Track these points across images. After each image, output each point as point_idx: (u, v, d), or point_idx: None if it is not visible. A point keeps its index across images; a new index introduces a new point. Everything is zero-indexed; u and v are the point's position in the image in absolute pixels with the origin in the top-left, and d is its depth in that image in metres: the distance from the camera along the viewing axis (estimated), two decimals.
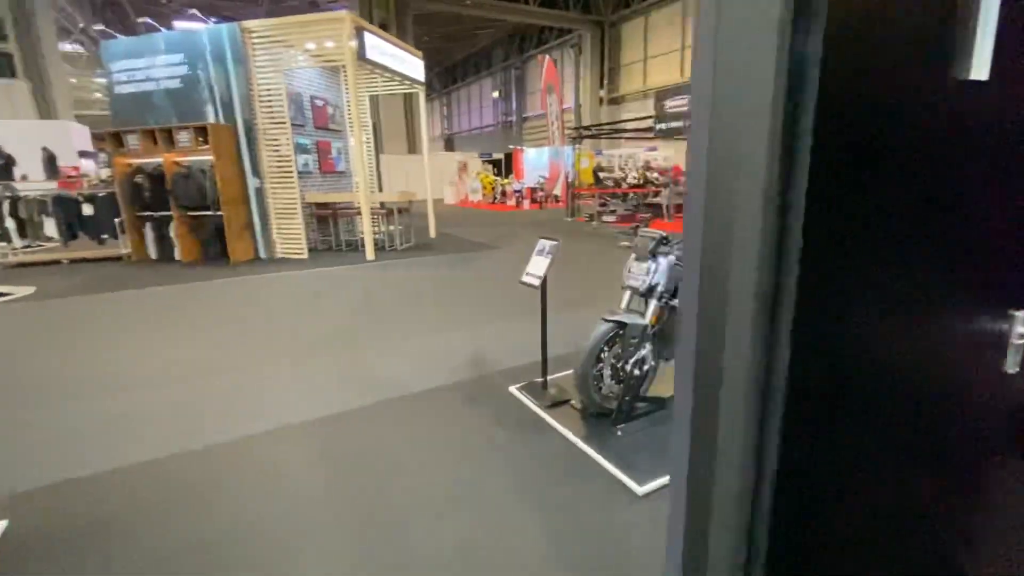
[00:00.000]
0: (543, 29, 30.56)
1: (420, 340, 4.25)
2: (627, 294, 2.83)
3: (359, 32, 7.70)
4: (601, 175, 13.36)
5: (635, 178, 13.23)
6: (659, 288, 2.68)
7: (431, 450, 2.55)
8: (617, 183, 13.17)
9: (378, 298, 5.81)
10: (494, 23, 28.54)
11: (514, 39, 33.90)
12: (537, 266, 2.92)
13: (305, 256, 8.25)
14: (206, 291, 6.23)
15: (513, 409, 2.95)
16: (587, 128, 13.99)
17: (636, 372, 2.62)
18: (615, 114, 27.77)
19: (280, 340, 4.32)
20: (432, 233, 10.74)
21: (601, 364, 2.69)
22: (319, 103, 9.27)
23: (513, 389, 3.17)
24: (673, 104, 9.89)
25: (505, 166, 26.49)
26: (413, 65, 9.65)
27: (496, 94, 37.41)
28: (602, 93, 28.42)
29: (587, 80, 28.17)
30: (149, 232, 8.39)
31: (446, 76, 43.37)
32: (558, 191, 18.17)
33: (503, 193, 20.05)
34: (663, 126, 10.21)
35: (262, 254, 8.42)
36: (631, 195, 13.11)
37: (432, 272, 7.24)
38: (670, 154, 21.15)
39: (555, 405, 2.92)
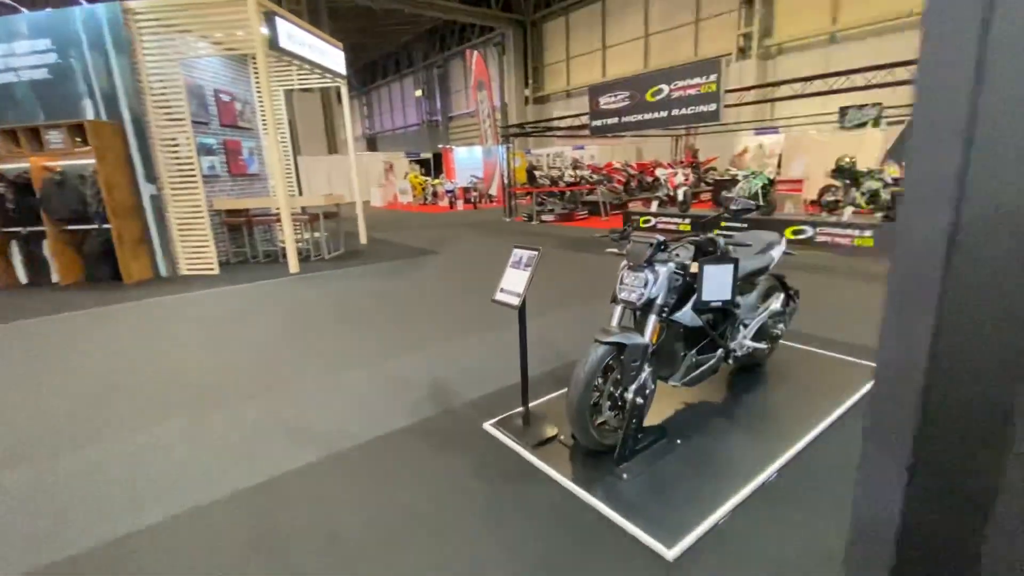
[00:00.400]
0: (465, 27, 30.01)
1: (365, 370, 3.65)
2: (618, 309, 2.45)
3: (270, 17, 6.83)
4: (537, 174, 13.13)
5: (571, 176, 13.11)
6: (658, 302, 2.33)
7: (398, 522, 2.02)
8: (554, 181, 13.00)
9: (308, 319, 5.08)
10: (413, 19, 27.61)
11: (435, 36, 33.07)
12: (514, 281, 2.46)
13: (216, 271, 7.23)
14: (88, 321, 5.17)
15: (492, 453, 2.48)
16: (521, 126, 13.69)
17: (639, 400, 2.25)
18: (541, 113, 27.84)
19: (184, 382, 3.54)
20: (363, 239, 9.94)
21: (597, 394, 2.28)
22: (225, 98, 8.21)
23: (488, 426, 2.70)
24: (608, 101, 9.78)
25: (434, 166, 25.70)
26: (333, 57, 8.82)
27: (419, 93, 36.39)
28: (527, 92, 28.37)
29: (512, 79, 27.99)
30: (16, 251, 7.00)
31: (365, 73, 41.64)
32: (494, 191, 17.77)
33: (434, 194, 19.33)
34: (599, 123, 10.07)
35: (163, 272, 7.28)
36: (568, 193, 12.98)
37: (369, 284, 6.56)
38: (596, 151, 21.46)
39: (542, 444, 2.48)
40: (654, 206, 10.50)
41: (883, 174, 7.20)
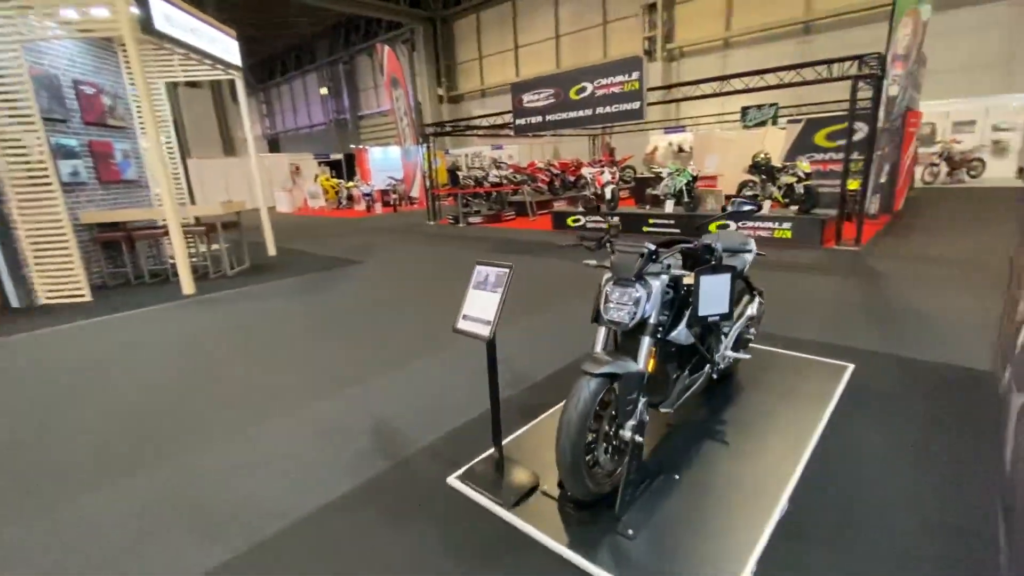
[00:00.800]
0: (370, 22, 28.65)
1: (291, 416, 3.01)
2: (602, 331, 2.10)
3: None
4: (460, 174, 12.64)
5: (495, 177, 12.77)
6: (651, 321, 2.00)
7: None
8: (478, 182, 12.57)
9: (209, 353, 4.25)
10: (313, 11, 25.85)
11: (338, 31, 31.28)
12: (480, 306, 2.02)
13: (87, 298, 6.02)
14: None
15: (462, 516, 2.02)
16: (441, 124, 13.10)
17: (639, 439, 1.91)
18: (456, 112, 27.30)
19: (38, 457, 2.71)
20: (272, 250, 8.92)
21: (593, 437, 1.91)
22: (88, 90, 6.90)
23: (453, 480, 2.23)
24: (531, 99, 9.54)
25: (347, 167, 24.28)
26: (224, 45, 7.76)
27: (324, 91, 34.34)
28: (441, 91, 27.67)
29: (424, 78, 27.16)
30: None
31: (262, 69, 38.60)
32: (416, 192, 16.98)
33: (350, 197, 18.15)
34: (522, 121, 9.80)
35: (14, 302, 5.94)
36: (494, 194, 12.62)
37: (283, 304, 5.75)
38: (514, 151, 21.36)
39: (522, 499, 2.07)
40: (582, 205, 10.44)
41: (796, 169, 7.57)
